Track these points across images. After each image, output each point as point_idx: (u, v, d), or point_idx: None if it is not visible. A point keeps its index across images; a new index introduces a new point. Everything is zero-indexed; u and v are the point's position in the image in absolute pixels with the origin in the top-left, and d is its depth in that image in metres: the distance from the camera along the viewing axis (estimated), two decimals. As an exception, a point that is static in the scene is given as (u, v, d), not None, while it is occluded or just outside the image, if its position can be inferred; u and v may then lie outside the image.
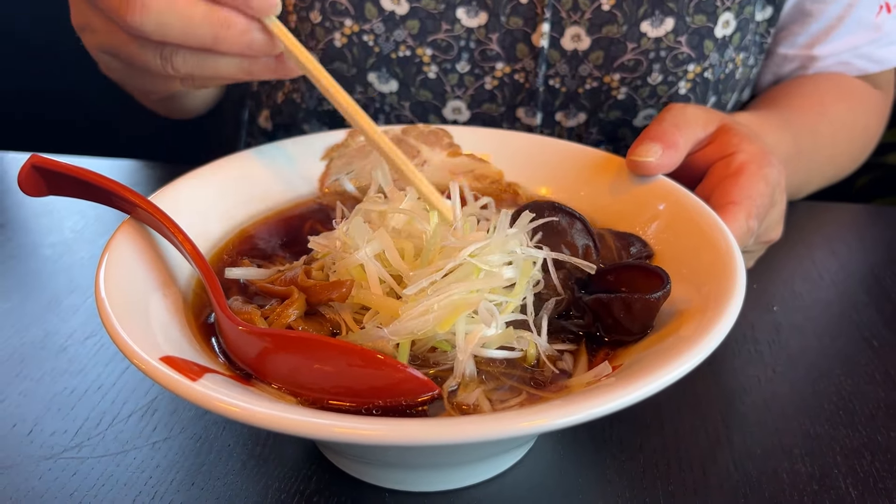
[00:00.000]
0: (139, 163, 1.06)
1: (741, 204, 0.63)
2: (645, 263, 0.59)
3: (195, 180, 0.67)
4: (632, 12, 0.85)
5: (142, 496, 0.56)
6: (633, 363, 0.51)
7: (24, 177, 0.55)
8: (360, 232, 0.57)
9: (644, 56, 0.87)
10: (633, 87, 0.89)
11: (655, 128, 0.68)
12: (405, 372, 0.48)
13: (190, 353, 0.50)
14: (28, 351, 0.70)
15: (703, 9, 0.86)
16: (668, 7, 0.85)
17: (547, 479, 0.58)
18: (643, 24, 0.86)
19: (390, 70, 0.90)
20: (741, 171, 0.66)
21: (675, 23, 0.86)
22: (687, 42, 0.87)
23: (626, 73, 0.89)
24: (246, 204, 0.69)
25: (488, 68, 0.90)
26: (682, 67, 0.89)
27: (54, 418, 0.62)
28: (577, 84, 0.90)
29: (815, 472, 0.58)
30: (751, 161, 0.67)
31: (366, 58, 0.90)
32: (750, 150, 0.68)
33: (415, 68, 0.90)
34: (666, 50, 0.87)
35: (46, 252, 0.86)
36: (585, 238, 0.60)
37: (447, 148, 0.75)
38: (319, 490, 0.56)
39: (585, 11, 0.86)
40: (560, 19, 0.86)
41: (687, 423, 0.62)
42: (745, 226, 0.63)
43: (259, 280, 0.59)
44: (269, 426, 0.41)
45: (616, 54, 0.88)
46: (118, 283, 0.52)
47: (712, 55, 0.89)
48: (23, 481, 0.57)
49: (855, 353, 0.71)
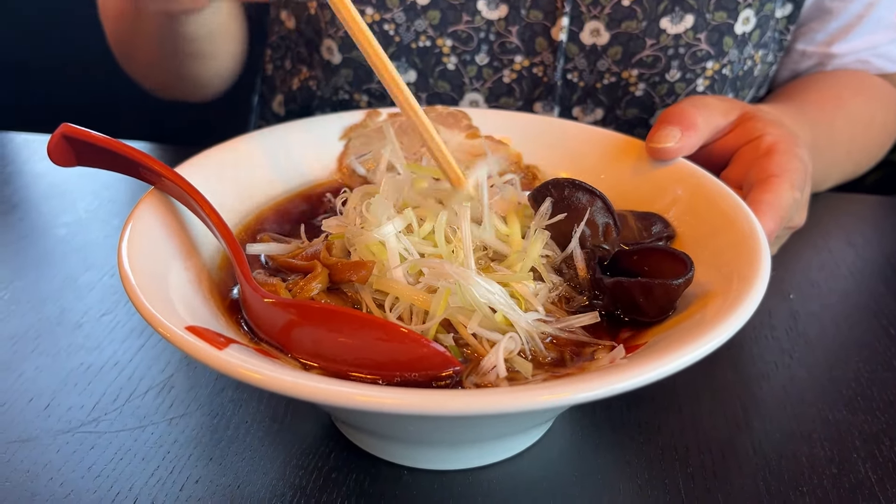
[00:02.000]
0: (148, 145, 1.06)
1: (782, 176, 0.63)
2: (669, 248, 0.58)
3: (218, 155, 0.67)
4: (651, 8, 0.85)
5: (160, 470, 0.56)
6: (656, 342, 0.51)
7: (53, 146, 0.55)
8: (382, 208, 0.57)
9: (663, 52, 0.87)
10: (650, 83, 0.89)
11: (674, 110, 0.68)
12: (429, 346, 0.48)
13: (214, 324, 0.49)
14: (44, 327, 0.70)
15: (723, 5, 0.85)
16: (689, 4, 0.85)
17: (565, 459, 0.58)
18: (663, 20, 0.85)
19: (409, 60, 0.90)
20: (773, 149, 0.66)
21: (695, 20, 0.85)
22: (706, 39, 0.87)
23: (644, 69, 0.88)
24: (266, 182, 0.69)
25: (507, 61, 0.90)
26: (700, 64, 0.88)
27: (71, 393, 0.62)
28: (595, 79, 0.90)
29: (834, 457, 0.58)
30: (780, 141, 0.66)
31: (386, 47, 0.89)
32: (776, 133, 0.68)
33: (434, 59, 0.90)
34: (685, 47, 0.87)
35: (60, 231, 0.85)
36: (606, 216, 0.60)
37: (466, 130, 0.74)
38: (337, 467, 0.56)
39: (605, 6, 0.85)
40: (580, 13, 0.86)
41: (705, 407, 0.62)
42: (790, 196, 0.62)
43: (281, 255, 0.59)
44: (295, 394, 0.41)
45: (635, 50, 0.87)
46: (141, 253, 0.52)
47: (731, 52, 0.89)
48: (40, 454, 0.57)
49: (872, 340, 0.70)
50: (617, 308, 0.56)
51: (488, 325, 0.52)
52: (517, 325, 0.51)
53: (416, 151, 0.73)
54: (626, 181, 0.68)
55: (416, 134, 0.63)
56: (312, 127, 0.73)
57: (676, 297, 0.54)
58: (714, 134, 0.71)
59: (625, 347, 0.51)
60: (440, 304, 0.51)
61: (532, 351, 0.52)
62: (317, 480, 0.55)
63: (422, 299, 0.52)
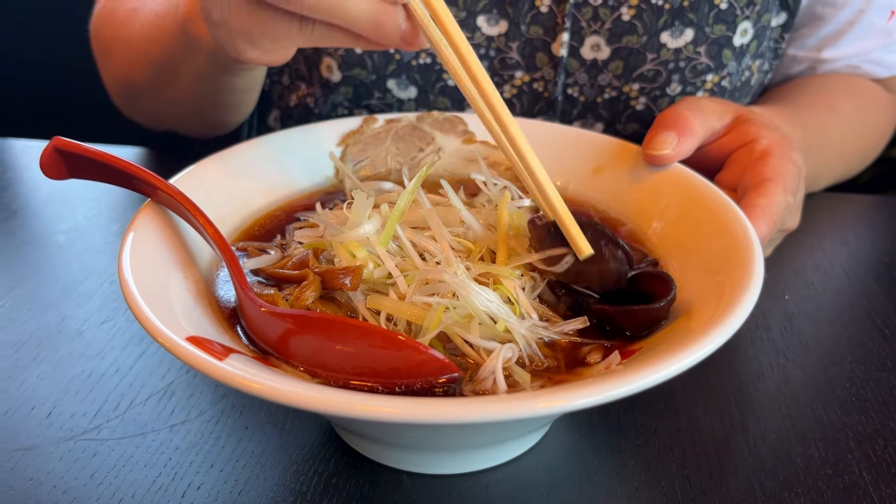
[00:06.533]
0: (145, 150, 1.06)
1: (776, 180, 0.64)
2: (653, 269, 0.58)
3: (213, 165, 0.67)
4: (652, 23, 0.85)
5: (161, 477, 0.56)
6: (651, 347, 0.52)
7: (45, 159, 0.55)
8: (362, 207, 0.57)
9: (663, 67, 0.87)
10: (651, 97, 0.89)
11: (669, 113, 0.68)
12: (426, 353, 0.48)
13: (213, 334, 0.50)
14: (44, 335, 0.70)
15: (722, 18, 0.86)
16: (688, 18, 0.85)
17: (562, 462, 0.58)
18: (663, 34, 0.86)
19: (410, 77, 0.90)
20: (768, 153, 0.66)
21: (695, 34, 0.86)
22: (706, 52, 0.87)
23: (645, 83, 0.88)
24: (263, 190, 0.70)
25: (507, 77, 0.90)
26: (700, 77, 0.88)
27: (72, 401, 0.63)
28: (595, 93, 0.90)
29: (828, 457, 0.59)
30: (774, 144, 0.67)
31: (386, 64, 0.89)
32: (771, 136, 0.68)
33: (434, 75, 0.90)
34: (685, 61, 0.87)
35: (60, 238, 0.86)
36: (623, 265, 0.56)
37: (462, 135, 0.75)
38: (338, 472, 0.57)
39: (606, 21, 0.86)
40: (580, 28, 0.86)
41: (701, 409, 0.63)
42: (783, 200, 0.63)
43: (269, 266, 0.59)
44: (295, 404, 0.42)
45: (635, 64, 0.87)
46: (141, 264, 0.53)
47: (731, 64, 0.89)
48: (43, 462, 0.57)
49: (866, 340, 0.71)
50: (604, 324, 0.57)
51: (485, 333, 0.52)
52: (515, 332, 0.52)
53: (413, 157, 0.73)
54: (621, 185, 0.69)
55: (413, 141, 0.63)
56: (310, 134, 0.74)
57: (662, 316, 0.54)
58: (709, 136, 0.71)
59: (620, 352, 0.52)
60: (434, 320, 0.51)
61: (529, 357, 0.53)
62: (317, 486, 0.56)
63: (417, 315, 0.52)
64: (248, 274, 0.59)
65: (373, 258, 0.56)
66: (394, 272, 0.54)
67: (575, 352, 0.54)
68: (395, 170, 0.73)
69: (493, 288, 0.54)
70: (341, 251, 0.56)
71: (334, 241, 0.56)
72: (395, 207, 0.56)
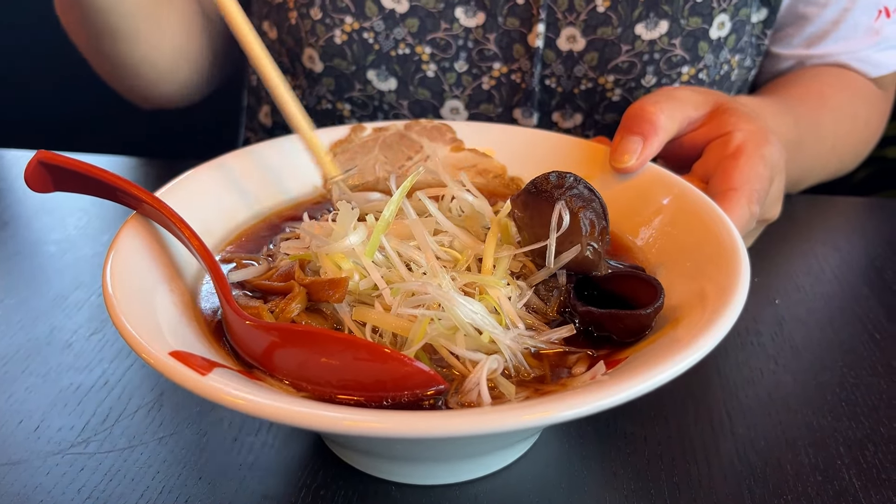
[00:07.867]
0: (135, 160, 1.06)
1: (741, 190, 0.64)
2: (642, 274, 0.58)
3: (200, 176, 0.67)
4: (626, 14, 0.86)
5: (149, 491, 0.56)
6: (637, 358, 0.52)
7: (30, 172, 0.55)
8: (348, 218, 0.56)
9: (638, 58, 0.88)
10: (627, 88, 0.90)
11: (635, 111, 0.68)
12: (412, 366, 0.48)
13: (198, 348, 0.50)
14: (33, 347, 0.70)
15: (698, 11, 0.86)
16: (663, 10, 0.85)
17: (552, 471, 0.58)
18: (637, 26, 0.86)
19: (389, 68, 0.91)
20: (739, 152, 0.66)
21: (670, 25, 0.86)
22: (681, 44, 0.87)
23: (620, 74, 0.89)
24: (249, 201, 0.69)
25: (486, 68, 0.90)
26: (676, 69, 0.89)
27: (61, 414, 0.63)
28: (572, 84, 0.90)
29: (818, 464, 0.58)
30: (748, 140, 0.67)
31: (365, 55, 0.90)
32: (747, 128, 0.68)
33: (414, 66, 0.90)
34: (660, 52, 0.87)
35: (50, 249, 0.86)
36: (603, 220, 0.58)
37: (450, 143, 0.75)
38: (326, 483, 0.57)
39: (580, 13, 0.86)
40: (556, 20, 0.87)
41: (691, 415, 0.63)
42: (747, 212, 0.63)
43: (255, 279, 0.59)
44: (279, 419, 0.42)
45: (610, 56, 0.88)
46: (125, 278, 0.52)
47: (707, 56, 0.89)
48: (30, 477, 0.57)
49: (857, 345, 0.71)
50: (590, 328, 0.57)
51: (471, 344, 0.52)
52: (500, 343, 0.52)
53: (401, 165, 0.73)
54: (610, 192, 0.68)
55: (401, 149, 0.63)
56: (297, 143, 0.74)
57: (648, 323, 0.54)
58: (686, 126, 0.71)
59: (605, 362, 0.51)
60: (419, 332, 0.51)
61: (515, 367, 0.52)
62: (305, 497, 0.56)
63: (402, 327, 0.52)
64: (234, 286, 0.59)
65: (358, 269, 0.55)
66: (379, 283, 0.54)
67: (561, 361, 0.54)
68: (383, 178, 0.73)
69: (479, 298, 0.54)
70: (327, 263, 0.56)
71: (320, 252, 0.56)
72: (380, 218, 0.56)
